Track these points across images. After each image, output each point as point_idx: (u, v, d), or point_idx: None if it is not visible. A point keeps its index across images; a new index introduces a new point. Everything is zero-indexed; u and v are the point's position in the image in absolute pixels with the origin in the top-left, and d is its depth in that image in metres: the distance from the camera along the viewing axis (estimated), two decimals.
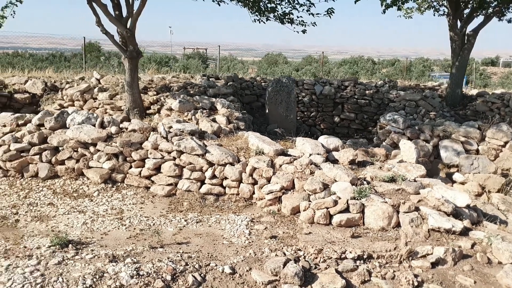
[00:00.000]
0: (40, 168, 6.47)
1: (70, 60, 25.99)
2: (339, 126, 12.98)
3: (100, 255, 4.32)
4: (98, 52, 28.60)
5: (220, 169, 6.11)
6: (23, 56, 26.35)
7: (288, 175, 5.88)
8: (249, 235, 5.01)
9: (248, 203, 6.00)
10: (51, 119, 6.90)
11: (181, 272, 4.08)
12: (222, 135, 7.24)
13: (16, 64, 18.51)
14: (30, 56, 26.40)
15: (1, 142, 6.61)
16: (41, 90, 11.08)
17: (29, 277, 3.83)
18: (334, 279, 4.02)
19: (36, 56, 26.71)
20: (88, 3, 8.43)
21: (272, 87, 10.08)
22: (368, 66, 35.83)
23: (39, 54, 27.84)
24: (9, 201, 5.93)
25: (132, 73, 9.02)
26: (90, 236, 4.97)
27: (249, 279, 4.10)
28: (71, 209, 5.71)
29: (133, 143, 6.47)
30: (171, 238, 4.94)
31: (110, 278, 3.90)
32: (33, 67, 16.25)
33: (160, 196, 6.19)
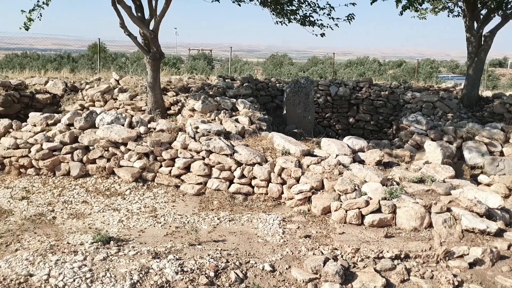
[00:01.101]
0: (72, 166, 6.59)
1: (77, 61, 26.18)
2: (354, 127, 13.04)
3: (142, 252, 4.42)
4: (104, 53, 28.75)
5: (248, 169, 6.20)
6: (32, 57, 26.57)
7: (317, 176, 5.97)
8: (283, 234, 5.11)
9: (276, 202, 6.10)
10: (80, 119, 7.03)
11: (223, 269, 4.18)
12: (247, 135, 7.33)
13: (27, 65, 18.69)
14: (38, 57, 26.61)
15: (34, 141, 6.74)
16: (62, 90, 11.21)
17: (78, 272, 3.95)
18: (374, 277, 4.10)
19: (44, 57, 26.91)
20: (112, 5, 8.56)
21: (291, 88, 10.17)
22: (375, 67, 35.84)
23: (47, 55, 28.05)
24: (44, 198, 6.05)
25: (154, 74, 9.14)
26: (127, 233, 5.08)
27: (289, 277, 4.20)
28: (105, 207, 5.83)
29: (162, 142, 6.58)
30: (207, 236, 5.04)
31: (155, 274, 4.01)
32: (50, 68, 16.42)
33: (190, 194, 6.30)
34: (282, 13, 8.70)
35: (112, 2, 8.51)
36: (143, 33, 8.95)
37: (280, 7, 8.52)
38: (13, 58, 25.33)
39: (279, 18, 9.06)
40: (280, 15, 8.84)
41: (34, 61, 23.94)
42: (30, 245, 4.72)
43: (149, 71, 9.16)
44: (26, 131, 7.07)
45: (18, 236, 5.02)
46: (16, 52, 29.10)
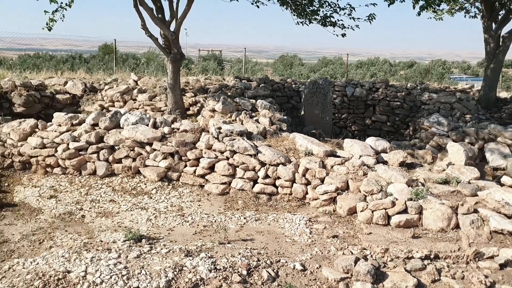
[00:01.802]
0: (98, 166, 6.70)
1: (89, 62, 26.41)
2: (371, 128, 13.03)
3: (174, 250, 4.50)
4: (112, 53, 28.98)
5: (272, 169, 6.25)
6: (44, 58, 26.88)
7: (341, 176, 6.01)
8: (310, 234, 5.15)
9: (301, 203, 6.14)
10: (105, 119, 7.14)
11: (255, 267, 4.24)
12: (268, 136, 7.38)
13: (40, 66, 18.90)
14: (51, 58, 26.92)
15: (60, 141, 6.86)
16: (81, 91, 11.36)
17: (114, 269, 4.03)
18: (405, 277, 4.13)
19: (57, 58, 27.20)
20: (134, 6, 8.67)
21: (309, 88, 10.21)
22: (386, 68, 35.66)
23: (59, 56, 28.35)
24: (72, 197, 6.17)
25: (175, 75, 9.25)
26: (157, 231, 5.16)
27: (320, 276, 4.24)
28: (133, 205, 5.92)
29: (187, 143, 6.66)
30: (235, 235, 5.10)
31: (189, 272, 4.08)
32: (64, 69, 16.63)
33: (214, 194, 6.37)
34: (303, 13, 8.75)
35: (134, 4, 8.63)
36: (164, 34, 9.05)
37: (301, 8, 8.56)
38: (26, 59, 25.65)
39: (300, 18, 9.12)
40: (301, 15, 8.88)
41: (46, 61, 24.20)
42: (63, 243, 4.83)
43: (169, 72, 9.27)
44: (52, 130, 7.20)
45: (49, 234, 5.13)
46: (28, 53, 29.44)
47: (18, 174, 6.97)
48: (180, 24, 8.75)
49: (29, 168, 7.06)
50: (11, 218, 5.60)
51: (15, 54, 31.36)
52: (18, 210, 5.84)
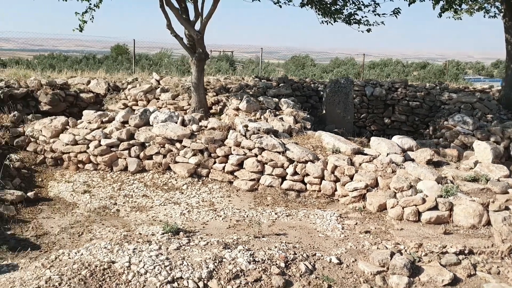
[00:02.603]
0: (129, 162, 6.86)
1: (102, 62, 26.73)
2: (390, 128, 13.03)
3: (212, 243, 4.61)
4: (127, 54, 29.31)
5: (301, 166, 6.34)
6: (59, 58, 27.28)
7: (370, 174, 6.07)
8: (342, 229, 5.23)
9: (330, 199, 6.22)
10: (135, 117, 7.30)
11: (292, 260, 4.33)
12: (294, 134, 7.47)
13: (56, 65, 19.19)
14: (65, 59, 27.29)
15: (92, 138, 7.03)
16: (105, 90, 11.56)
17: (156, 260, 4.15)
18: (441, 271, 4.20)
19: (71, 58, 27.56)
20: (160, 7, 8.83)
21: (330, 87, 10.28)
22: (399, 68, 35.48)
23: (73, 56, 28.71)
24: (106, 192, 6.32)
25: (199, 74, 9.38)
26: (192, 225, 5.29)
27: (356, 269, 4.32)
28: (165, 200, 6.06)
29: (216, 140, 6.79)
30: (267, 229, 5.20)
31: (229, 263, 4.18)
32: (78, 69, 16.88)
33: (243, 190, 6.48)
34: (328, 13, 8.83)
35: (160, 4, 8.79)
36: (189, 34, 9.20)
37: (327, 7, 8.64)
38: (43, 59, 26.04)
39: (325, 18, 9.19)
40: (326, 15, 8.96)
41: (61, 62, 24.55)
42: (102, 235, 4.98)
43: (193, 72, 9.41)
44: (83, 128, 7.38)
45: (87, 227, 5.29)
46: (43, 53, 29.88)
47: (50, 170, 7.15)
48: (206, 23, 8.88)
49: (60, 164, 7.25)
50: (48, 212, 5.78)
51: (28, 54, 31.83)
52: (54, 204, 6.01)
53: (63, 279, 3.82)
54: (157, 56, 27.16)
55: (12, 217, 5.51)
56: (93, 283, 3.82)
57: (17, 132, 7.59)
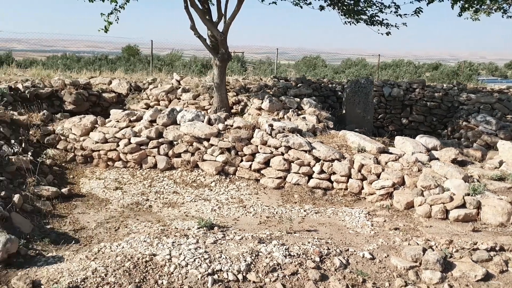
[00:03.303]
0: (158, 160, 7.03)
1: (115, 63, 27.03)
2: (407, 128, 13.06)
3: (247, 237, 4.75)
4: (138, 55, 29.57)
5: (328, 165, 6.45)
6: (72, 59, 27.66)
7: (397, 172, 6.16)
8: (372, 226, 5.33)
9: (356, 197, 6.32)
10: (163, 116, 7.47)
11: (326, 255, 4.45)
12: (318, 133, 7.58)
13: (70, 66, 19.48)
14: (78, 60, 27.64)
15: (121, 136, 7.22)
16: (127, 90, 11.78)
17: (195, 253, 4.30)
18: (473, 267, 4.28)
19: (83, 59, 27.90)
20: (185, 8, 9.01)
21: (351, 88, 10.37)
22: (411, 69, 35.34)
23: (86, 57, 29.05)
24: (137, 189, 6.50)
25: (221, 75, 9.53)
26: (224, 221, 5.43)
27: (389, 264, 4.42)
28: (196, 197, 6.22)
29: (242, 138, 6.93)
30: (298, 226, 5.32)
31: (266, 257, 4.31)
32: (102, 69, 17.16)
33: (270, 188, 6.61)
34: (351, 14, 8.93)
35: (185, 5, 8.96)
36: (212, 35, 9.36)
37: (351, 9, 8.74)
38: (57, 60, 26.42)
39: (348, 18, 9.30)
40: (349, 15, 9.07)
41: (74, 62, 24.89)
42: (139, 230, 5.14)
43: (216, 72, 9.56)
44: (111, 126, 7.57)
45: (122, 222, 5.46)
46: (56, 54, 30.25)
47: (80, 167, 7.36)
48: (229, 24, 9.03)
49: (90, 162, 7.44)
50: (83, 208, 5.96)
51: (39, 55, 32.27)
52: (87, 200, 6.20)
53: (108, 270, 3.98)
54: (168, 57, 27.37)
55: (49, 212, 5.72)
56: (137, 275, 3.97)
57: (48, 130, 7.81)
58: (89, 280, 3.82)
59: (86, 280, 3.82)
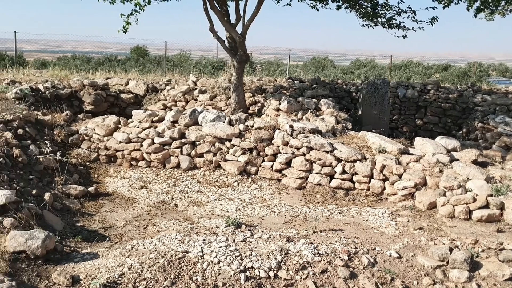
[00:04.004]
0: (181, 160, 7.16)
1: (125, 63, 27.25)
2: (422, 130, 13.09)
3: (275, 236, 4.84)
4: (146, 56, 29.76)
5: (350, 165, 6.53)
6: (82, 60, 27.92)
7: (419, 173, 6.23)
8: (396, 226, 5.41)
9: (378, 198, 6.39)
10: (185, 116, 7.60)
11: (354, 253, 4.53)
12: (338, 134, 7.66)
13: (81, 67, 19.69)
14: (89, 60, 27.88)
15: (145, 136, 7.35)
16: (144, 90, 11.95)
17: (226, 251, 4.40)
18: (500, 267, 4.34)
19: (93, 60, 28.13)
20: (204, 10, 9.14)
21: (367, 89, 10.43)
22: (420, 70, 35.22)
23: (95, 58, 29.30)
24: (162, 188, 6.63)
25: (239, 76, 9.66)
26: (249, 220, 5.53)
27: (416, 263, 4.49)
28: (220, 196, 6.33)
29: (264, 139, 7.03)
30: (323, 225, 5.41)
31: (295, 255, 4.41)
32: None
33: (292, 188, 6.70)
34: (368, 16, 9.02)
35: (204, 7, 9.10)
36: (230, 36, 9.49)
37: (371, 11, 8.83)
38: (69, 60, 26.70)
39: (366, 21, 9.39)
40: (368, 18, 9.15)
41: (85, 63, 25.15)
42: (168, 227, 5.26)
43: (234, 73, 9.69)
44: (134, 126, 7.72)
45: (150, 220, 5.58)
46: (66, 55, 30.51)
47: (104, 167, 7.50)
48: (248, 26, 9.15)
49: (114, 161, 7.59)
50: (110, 206, 6.10)
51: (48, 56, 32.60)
52: (113, 199, 6.34)
53: (143, 266, 4.10)
54: (177, 58, 27.57)
55: (78, 210, 5.86)
56: (172, 271, 4.08)
57: (71, 130, 7.97)
58: (126, 276, 3.94)
59: (123, 276, 3.94)
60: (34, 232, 4.24)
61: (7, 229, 4.52)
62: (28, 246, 4.13)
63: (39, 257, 4.16)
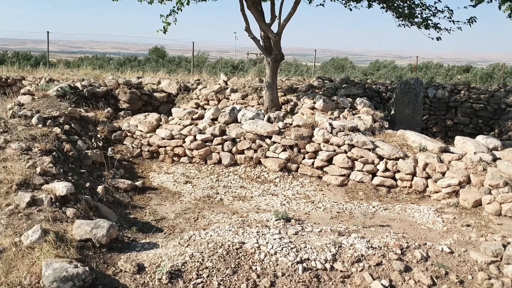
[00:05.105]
0: (223, 156, 7.32)
1: (145, 64, 27.62)
2: (452, 130, 13.00)
3: (326, 230, 4.95)
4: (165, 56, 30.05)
5: (392, 163, 6.59)
6: (103, 60, 28.40)
7: (462, 171, 6.25)
8: (443, 222, 5.45)
9: (421, 195, 6.43)
10: (225, 114, 7.76)
11: (406, 248, 4.60)
12: (377, 132, 7.72)
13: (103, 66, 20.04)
14: (109, 61, 28.32)
15: (187, 133, 7.54)
16: (176, 90, 12.17)
17: (281, 243, 4.52)
18: None
19: (114, 60, 28.58)
20: (241, 10, 9.31)
21: (400, 88, 10.44)
22: (442, 71, 34.81)
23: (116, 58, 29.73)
24: (205, 183, 6.80)
25: (273, 74, 9.78)
26: (295, 215, 5.64)
27: (468, 259, 4.54)
28: (263, 192, 6.46)
29: (304, 136, 7.14)
30: (370, 221, 5.48)
31: (348, 249, 4.50)
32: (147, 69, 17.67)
33: (333, 185, 6.79)
34: (405, 16, 9.05)
35: (241, 7, 9.26)
36: (265, 36, 9.62)
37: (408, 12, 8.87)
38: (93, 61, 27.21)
39: (402, 21, 9.42)
40: (405, 18, 9.18)
41: (106, 63, 25.61)
42: (219, 220, 5.41)
43: (268, 72, 9.81)
44: (175, 124, 7.91)
45: (199, 213, 5.74)
46: (87, 55, 31.05)
47: (147, 162, 7.72)
48: (284, 26, 9.27)
49: (156, 157, 7.80)
50: (157, 200, 6.29)
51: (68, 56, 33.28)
52: (160, 193, 6.53)
53: (204, 256, 4.25)
54: (196, 58, 27.88)
55: (128, 203, 6.06)
56: (231, 260, 4.22)
57: (114, 127, 8.21)
58: (188, 265, 4.09)
59: (186, 264, 4.10)
60: (99, 222, 4.43)
61: (70, 219, 4.73)
62: (94, 234, 4.32)
63: (103, 246, 4.35)
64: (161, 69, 17.59)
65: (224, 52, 40.22)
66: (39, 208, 4.77)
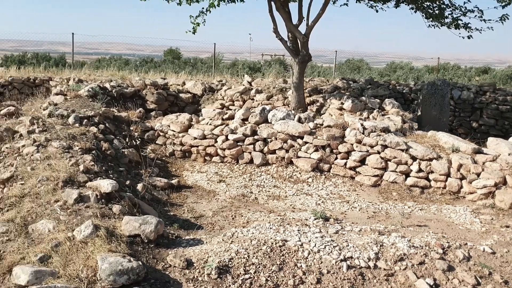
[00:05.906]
0: (254, 156, 7.42)
1: (161, 65, 27.89)
2: (477, 132, 12.89)
3: (366, 229, 5.00)
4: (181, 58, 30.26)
5: (425, 164, 6.60)
6: (120, 61, 28.71)
7: (497, 172, 6.23)
8: (481, 223, 5.45)
9: (455, 196, 6.44)
10: (256, 114, 7.87)
11: (448, 247, 4.63)
12: (407, 133, 7.73)
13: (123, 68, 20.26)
14: (126, 62, 28.62)
15: (219, 133, 7.67)
16: (201, 91, 12.33)
17: (323, 241, 4.59)
18: None
19: (130, 61, 28.88)
20: (269, 11, 9.40)
21: (427, 89, 10.41)
22: (460, 73, 34.41)
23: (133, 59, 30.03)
24: (239, 182, 6.91)
25: (300, 75, 9.84)
26: (332, 214, 5.70)
27: (511, 259, 4.54)
28: (297, 191, 6.54)
29: (336, 137, 7.19)
30: (407, 221, 5.51)
31: (390, 247, 4.55)
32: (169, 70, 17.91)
33: (366, 185, 6.83)
34: (434, 17, 9.05)
35: (269, 9, 9.35)
36: (292, 37, 9.70)
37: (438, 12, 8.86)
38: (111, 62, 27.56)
39: (432, 22, 9.42)
40: (435, 19, 9.18)
41: (123, 64, 25.92)
42: (257, 218, 5.51)
43: (295, 73, 9.88)
44: (206, 124, 8.05)
45: (236, 211, 5.84)
46: (103, 57, 31.45)
47: (179, 161, 7.86)
48: (312, 27, 9.34)
49: (188, 156, 7.94)
50: (194, 198, 6.42)
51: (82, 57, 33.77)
52: (195, 191, 6.66)
53: (249, 252, 4.34)
54: (210, 60, 28.10)
55: (166, 201, 6.20)
56: (276, 257, 4.31)
57: (146, 126, 8.39)
58: (235, 261, 4.19)
59: (233, 260, 4.19)
60: (147, 218, 4.56)
61: (117, 215, 4.87)
62: (142, 230, 4.45)
63: (151, 241, 4.48)
64: (183, 71, 17.83)
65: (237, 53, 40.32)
66: (86, 205, 4.92)
